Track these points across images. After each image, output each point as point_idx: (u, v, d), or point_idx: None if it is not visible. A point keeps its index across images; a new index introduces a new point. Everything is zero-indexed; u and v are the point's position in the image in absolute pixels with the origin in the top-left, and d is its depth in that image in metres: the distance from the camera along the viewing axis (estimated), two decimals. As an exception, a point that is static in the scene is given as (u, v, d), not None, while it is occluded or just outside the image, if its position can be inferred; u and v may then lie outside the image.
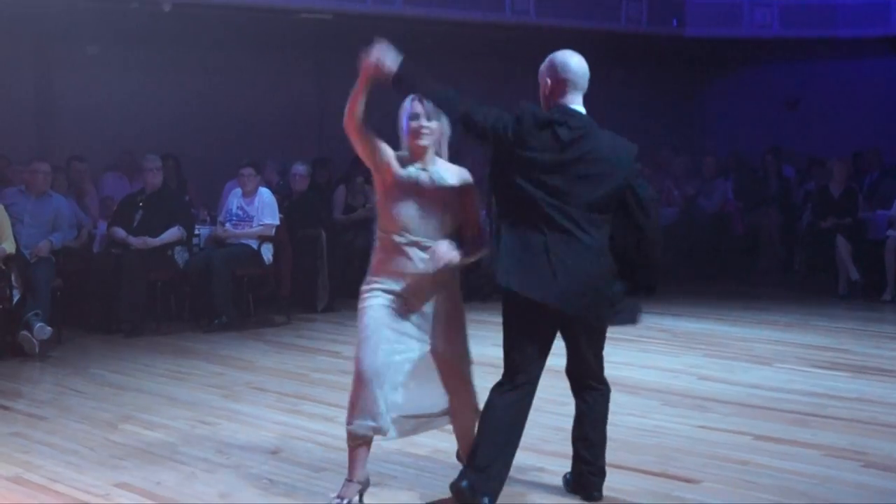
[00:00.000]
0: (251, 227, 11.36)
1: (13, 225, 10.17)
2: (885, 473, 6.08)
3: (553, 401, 7.84)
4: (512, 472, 5.96)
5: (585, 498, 5.60)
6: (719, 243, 15.15)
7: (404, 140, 5.34)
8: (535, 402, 7.64)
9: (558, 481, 5.91)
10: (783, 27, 16.30)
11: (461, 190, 5.36)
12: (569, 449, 6.54)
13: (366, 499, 5.51)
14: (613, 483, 5.87)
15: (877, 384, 8.41)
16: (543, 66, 5.61)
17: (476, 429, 5.44)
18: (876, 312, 12.28)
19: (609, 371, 8.75)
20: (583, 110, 5.38)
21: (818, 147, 16.44)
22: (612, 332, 10.61)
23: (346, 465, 5.41)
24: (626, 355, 9.57)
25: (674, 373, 8.86)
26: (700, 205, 15.66)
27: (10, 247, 9.72)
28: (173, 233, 11.14)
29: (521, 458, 6.25)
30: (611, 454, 6.39)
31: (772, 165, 16.32)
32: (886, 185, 14.47)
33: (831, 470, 6.15)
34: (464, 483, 5.20)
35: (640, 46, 16.69)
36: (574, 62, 5.50)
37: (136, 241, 10.95)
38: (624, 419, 7.29)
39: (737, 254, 15.26)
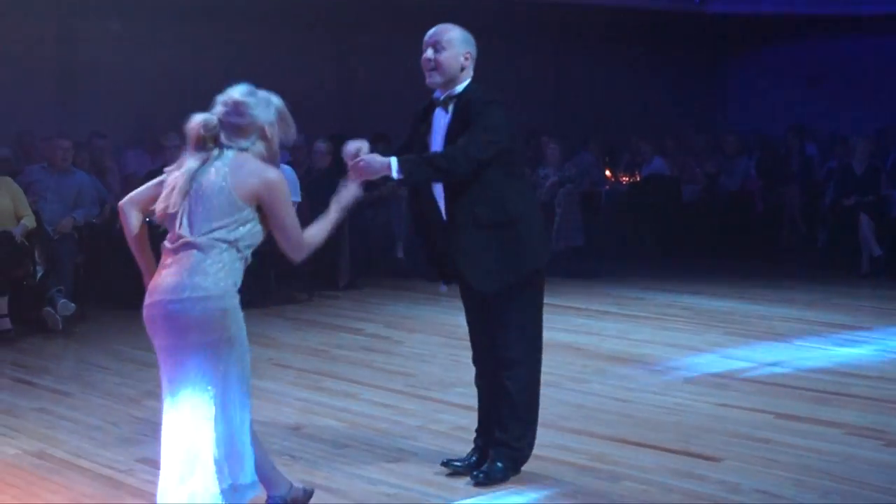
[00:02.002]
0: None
1: (36, 202, 10.23)
2: (906, 452, 6.08)
3: (574, 378, 7.89)
4: (533, 450, 5.99)
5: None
6: (741, 221, 15.09)
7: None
8: (556, 379, 7.72)
9: (581, 459, 5.92)
10: (806, 4, 16.21)
11: None
12: (591, 426, 6.59)
13: (390, 474, 5.55)
14: (635, 461, 5.89)
15: (897, 363, 8.40)
16: (464, 37, 5.55)
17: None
18: (898, 291, 12.24)
19: (631, 349, 8.90)
20: None
21: (841, 125, 16.36)
22: (633, 310, 10.73)
23: (367, 441, 5.43)
24: (647, 333, 9.59)
25: (695, 351, 8.84)
26: (722, 183, 15.60)
27: (30, 221, 9.75)
28: (195, 209, 11.13)
29: (542, 434, 6.28)
30: (632, 431, 6.45)
31: (794, 143, 16.25)
32: (910, 163, 14.41)
33: (852, 448, 6.14)
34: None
35: (663, 23, 16.62)
36: None
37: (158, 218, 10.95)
38: (645, 397, 7.33)
39: (758, 232, 15.20)
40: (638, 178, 15.16)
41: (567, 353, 8.76)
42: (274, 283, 11.53)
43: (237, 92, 4.70)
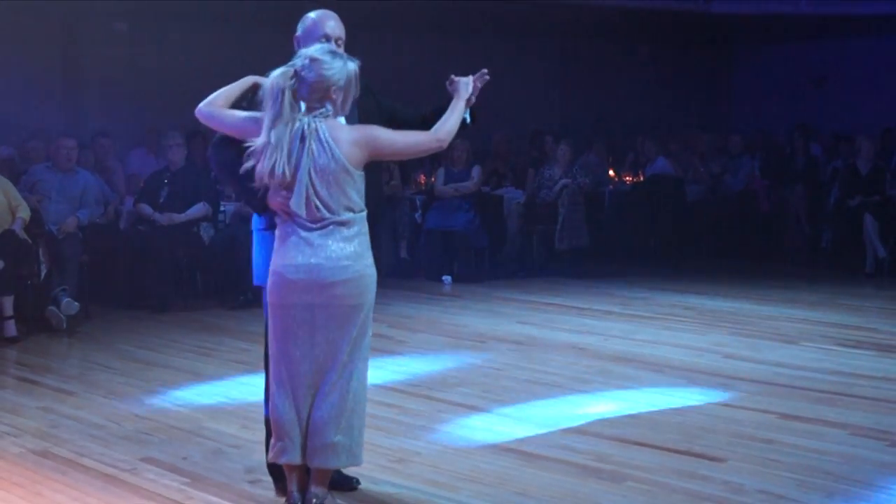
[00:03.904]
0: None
1: (40, 201, 10.26)
2: (910, 453, 6.07)
3: (577, 378, 7.90)
4: (536, 449, 6.00)
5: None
6: (745, 221, 15.09)
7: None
8: (559, 379, 7.73)
9: (584, 459, 5.91)
10: (811, 4, 16.17)
11: None
12: (595, 426, 6.58)
13: (393, 474, 5.56)
14: (638, 461, 5.89)
15: (903, 363, 8.39)
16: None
17: None
18: (903, 291, 12.23)
19: (633, 349, 8.91)
20: None
21: (846, 124, 16.33)
22: (637, 310, 10.74)
23: (370, 441, 5.42)
24: (651, 333, 9.59)
25: (699, 351, 8.83)
26: (726, 182, 15.61)
27: (24, 212, 9.68)
28: (199, 209, 11.16)
29: (546, 435, 6.30)
30: (635, 432, 6.44)
31: (799, 143, 16.22)
32: (914, 163, 14.39)
33: (857, 449, 6.13)
34: None
35: (668, 22, 16.60)
36: None
37: (162, 218, 10.99)
38: (648, 397, 7.32)
39: (763, 232, 15.20)
40: (642, 178, 15.15)
41: (571, 353, 8.77)
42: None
43: (318, 50, 4.87)
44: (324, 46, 4.95)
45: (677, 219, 14.38)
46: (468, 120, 5.25)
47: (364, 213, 4.90)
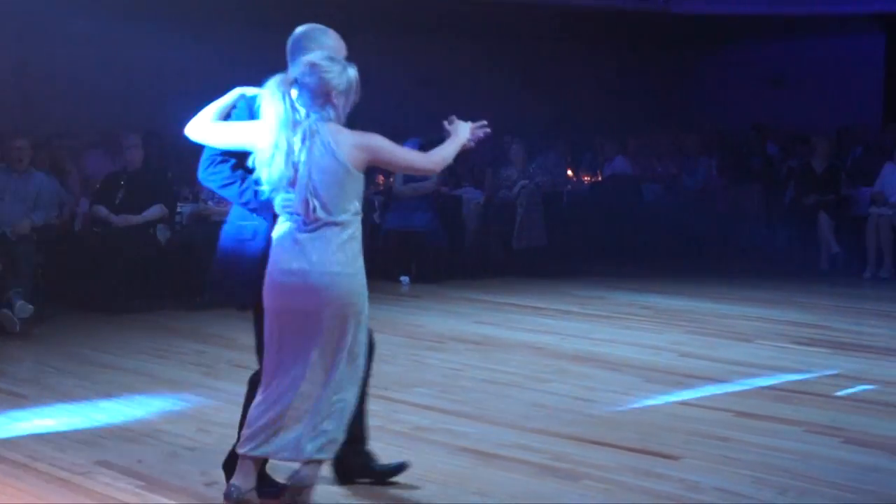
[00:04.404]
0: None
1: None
2: (863, 449, 6.10)
3: (535, 377, 7.90)
4: (493, 449, 6.00)
5: None
6: (702, 220, 15.16)
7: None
8: (517, 379, 7.74)
9: (541, 458, 5.91)
10: (768, 4, 16.28)
11: None
12: (552, 425, 6.58)
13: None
14: (595, 460, 5.89)
15: (856, 360, 8.43)
16: None
17: None
18: (856, 289, 12.32)
19: (591, 347, 8.93)
20: None
21: (803, 124, 16.45)
22: (595, 310, 10.75)
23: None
24: (608, 332, 9.62)
25: (656, 349, 8.86)
26: (684, 182, 15.67)
27: None
28: (155, 210, 11.09)
29: (503, 434, 6.29)
30: (592, 430, 6.45)
31: (755, 142, 16.34)
32: (870, 161, 14.47)
33: (811, 446, 6.16)
34: None
35: (627, 23, 16.66)
36: None
37: (118, 220, 10.91)
38: (606, 396, 7.34)
39: (720, 231, 15.27)
40: (600, 178, 15.19)
41: (528, 352, 8.77)
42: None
43: (317, 56, 4.93)
44: (322, 52, 5.00)
45: (635, 218, 14.44)
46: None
47: (360, 216, 4.95)
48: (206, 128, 5.10)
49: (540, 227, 13.30)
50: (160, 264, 11.28)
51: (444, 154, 5.11)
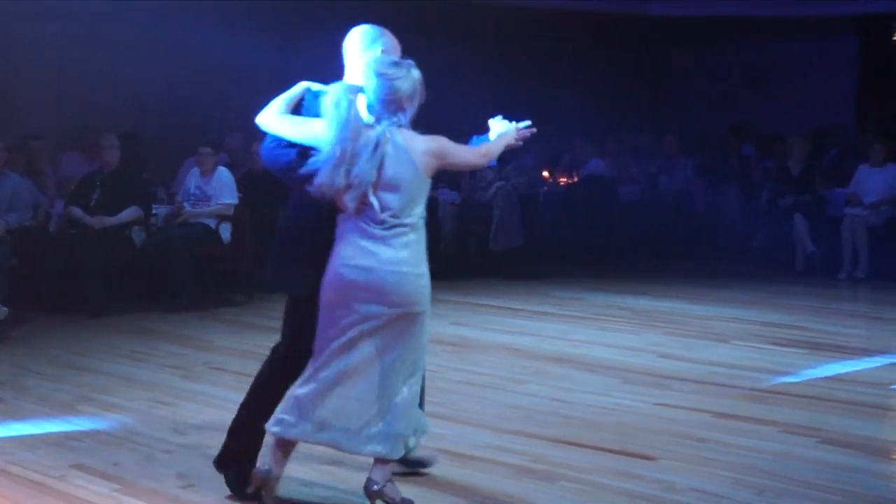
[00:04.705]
0: (209, 206, 11.30)
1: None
2: (840, 449, 6.12)
3: (512, 379, 7.90)
4: (471, 450, 5.99)
5: None
6: (680, 221, 15.20)
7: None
8: (494, 380, 7.74)
9: (519, 460, 5.91)
10: (747, 5, 16.32)
11: None
12: (530, 426, 6.58)
13: (325, 476, 5.53)
14: (572, 461, 5.89)
15: (833, 361, 8.45)
16: None
17: None
18: (833, 290, 12.34)
19: (568, 349, 8.93)
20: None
21: (781, 125, 16.50)
22: (572, 311, 10.75)
23: (304, 444, 5.38)
24: (585, 333, 9.62)
25: (634, 351, 8.87)
26: (662, 183, 15.70)
27: None
28: (131, 212, 11.05)
29: (481, 436, 6.28)
30: (570, 432, 6.45)
31: (732, 143, 16.39)
32: (846, 162, 14.54)
33: (788, 446, 6.18)
34: None
35: (606, 25, 16.68)
36: None
37: (93, 221, 10.86)
38: (583, 397, 7.33)
39: (697, 231, 15.32)
40: (577, 180, 15.21)
41: (506, 354, 8.77)
42: (211, 287, 11.44)
43: (382, 62, 5.03)
44: (384, 58, 5.11)
45: (611, 219, 14.46)
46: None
47: (424, 220, 5.05)
48: (277, 119, 5.18)
49: (516, 229, 13.30)
50: (136, 266, 11.23)
51: (491, 149, 5.25)
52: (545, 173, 15.41)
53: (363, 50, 5.28)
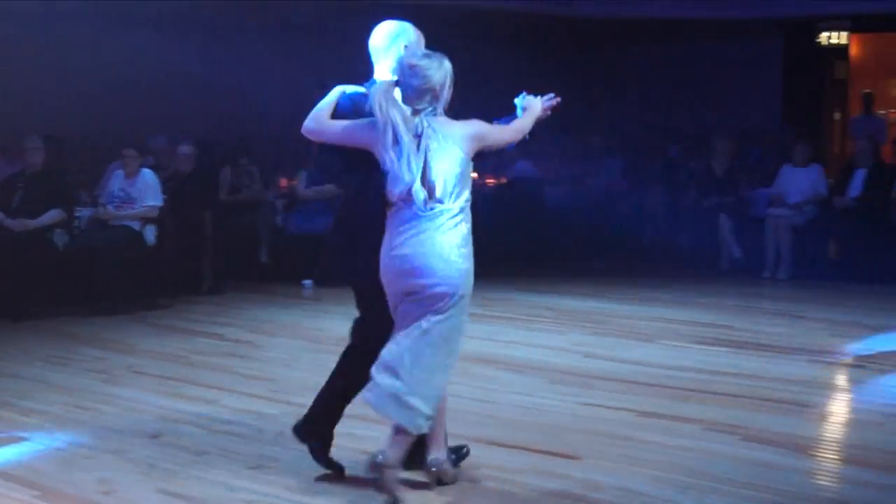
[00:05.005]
0: (133, 208, 11.19)
1: None
2: (761, 446, 6.16)
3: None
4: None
5: None
6: (606, 222, 15.25)
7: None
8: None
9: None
10: (674, 7, 16.44)
11: None
12: (455, 427, 6.56)
13: (250, 480, 5.48)
14: (497, 461, 5.89)
15: (756, 359, 8.53)
16: None
17: None
18: (756, 289, 12.48)
19: (495, 350, 8.92)
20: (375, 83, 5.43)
21: (705, 126, 16.62)
22: (499, 311, 10.76)
23: (227, 448, 5.35)
24: (512, 334, 9.64)
25: (559, 351, 8.90)
26: (588, 184, 15.76)
27: None
28: (53, 214, 10.91)
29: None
30: (495, 432, 6.45)
31: (657, 144, 16.50)
32: (769, 163, 14.70)
33: (711, 444, 6.22)
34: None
35: (532, 25, 16.72)
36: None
37: (14, 224, 10.71)
38: (509, 397, 7.34)
39: (623, 232, 15.38)
40: (504, 181, 15.23)
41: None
42: (134, 289, 11.31)
43: (413, 56, 5.28)
44: (416, 51, 5.37)
45: (538, 220, 14.49)
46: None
47: (469, 203, 5.33)
48: (324, 126, 5.35)
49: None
50: (59, 269, 11.07)
51: (523, 124, 5.63)
52: (473, 175, 15.36)
53: (388, 46, 5.52)
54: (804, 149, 13.69)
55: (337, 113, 5.37)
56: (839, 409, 7.53)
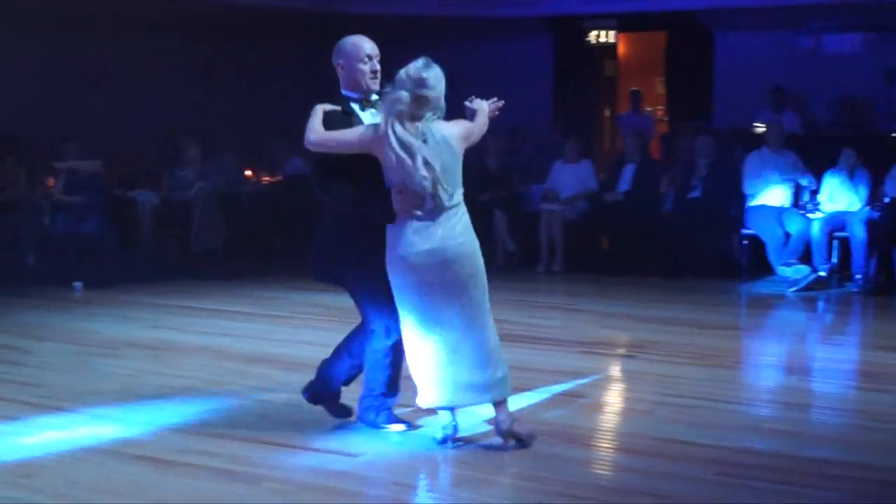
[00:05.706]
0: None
1: None
2: (538, 438, 6.16)
3: (213, 381, 7.75)
4: (173, 456, 5.81)
5: None
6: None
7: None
8: (195, 383, 7.63)
9: (219, 462, 5.79)
10: (444, 5, 16.55)
11: None
12: (231, 428, 6.45)
13: (15, 489, 5.27)
14: (275, 461, 5.84)
15: (531, 352, 8.65)
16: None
17: None
18: (531, 284, 12.69)
19: (269, 349, 8.84)
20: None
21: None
22: (272, 310, 10.68)
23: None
24: (286, 332, 9.60)
25: (331, 348, 8.82)
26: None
27: None
28: None
29: (180, 439, 6.14)
30: (272, 432, 6.40)
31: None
32: (540, 160, 14.94)
33: (487, 437, 6.23)
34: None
35: (301, 23, 16.62)
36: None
37: None
38: (284, 396, 7.26)
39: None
40: (280, 178, 15.10)
41: (206, 355, 8.60)
42: None
43: (419, 69, 5.89)
44: (419, 64, 5.95)
45: (312, 218, 14.39)
46: None
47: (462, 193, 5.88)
48: (326, 136, 5.89)
49: (217, 229, 13.15)
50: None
51: (482, 123, 6.20)
52: (248, 172, 15.23)
53: (360, 58, 6.40)
54: (574, 145, 13.98)
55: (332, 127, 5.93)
56: (612, 399, 7.70)
